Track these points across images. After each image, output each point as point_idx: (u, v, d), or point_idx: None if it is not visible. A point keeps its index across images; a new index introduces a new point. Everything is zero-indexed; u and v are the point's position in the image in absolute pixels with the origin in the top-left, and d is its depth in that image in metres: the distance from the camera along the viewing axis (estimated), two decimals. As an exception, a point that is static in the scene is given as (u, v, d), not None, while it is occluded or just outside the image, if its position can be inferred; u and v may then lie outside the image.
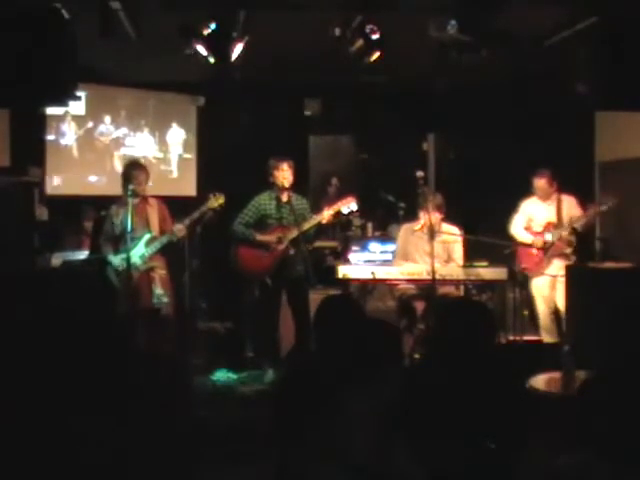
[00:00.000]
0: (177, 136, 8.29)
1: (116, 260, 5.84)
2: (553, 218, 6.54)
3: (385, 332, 2.98)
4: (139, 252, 5.85)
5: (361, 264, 6.71)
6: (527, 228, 6.66)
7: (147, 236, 5.89)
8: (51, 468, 2.86)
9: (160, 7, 5.25)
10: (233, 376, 6.07)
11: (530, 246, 6.56)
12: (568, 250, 6.50)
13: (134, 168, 6.00)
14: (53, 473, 2.86)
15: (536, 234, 6.58)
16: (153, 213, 5.98)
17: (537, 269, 6.55)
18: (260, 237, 6.04)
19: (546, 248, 6.51)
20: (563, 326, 6.37)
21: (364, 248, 7.22)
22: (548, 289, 6.56)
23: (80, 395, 3.19)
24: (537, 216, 6.64)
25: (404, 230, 6.48)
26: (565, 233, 6.48)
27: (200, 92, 8.16)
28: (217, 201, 5.99)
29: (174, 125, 8.27)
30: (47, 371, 3.75)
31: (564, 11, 5.59)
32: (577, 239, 6.53)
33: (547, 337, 6.57)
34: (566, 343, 4.59)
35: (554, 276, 6.49)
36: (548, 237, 6.49)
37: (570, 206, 6.54)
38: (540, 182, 6.56)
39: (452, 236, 6.30)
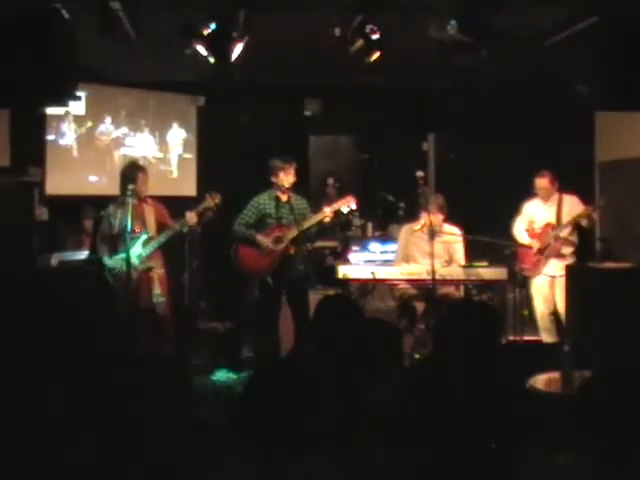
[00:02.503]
0: (177, 136, 8.28)
1: (111, 262, 5.85)
2: (552, 219, 6.53)
3: (385, 332, 2.98)
4: (136, 252, 5.85)
5: (361, 264, 6.71)
6: (529, 230, 6.66)
7: (144, 236, 5.89)
8: (51, 468, 2.86)
9: (160, 7, 5.25)
10: (233, 376, 6.06)
11: (529, 247, 6.56)
12: (565, 250, 6.50)
13: (136, 169, 6.02)
14: (52, 473, 2.86)
15: (535, 235, 6.58)
16: (150, 213, 5.99)
17: (534, 269, 6.55)
18: (260, 238, 6.04)
19: (542, 249, 6.51)
20: (563, 326, 6.38)
21: (364, 248, 7.21)
22: (547, 289, 6.56)
23: (80, 395, 3.20)
24: (537, 217, 6.64)
25: (405, 231, 6.48)
26: (563, 233, 6.48)
27: (200, 92, 8.14)
28: (213, 200, 6.01)
29: (174, 125, 8.25)
30: (47, 371, 3.75)
31: (564, 11, 5.59)
32: (580, 237, 6.53)
33: (547, 337, 6.56)
34: (566, 343, 4.59)
35: (552, 276, 6.49)
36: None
37: (572, 206, 6.53)
38: (542, 182, 6.56)
39: (453, 236, 6.31)
